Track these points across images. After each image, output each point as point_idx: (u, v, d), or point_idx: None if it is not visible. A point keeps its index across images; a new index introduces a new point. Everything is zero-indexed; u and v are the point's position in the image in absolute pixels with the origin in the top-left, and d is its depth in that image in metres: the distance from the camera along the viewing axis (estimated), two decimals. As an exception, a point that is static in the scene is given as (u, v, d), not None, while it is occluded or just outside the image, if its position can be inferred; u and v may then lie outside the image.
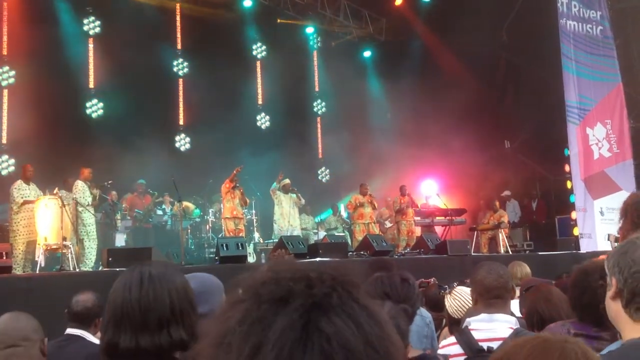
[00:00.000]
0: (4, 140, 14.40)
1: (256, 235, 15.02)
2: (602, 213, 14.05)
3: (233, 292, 1.00)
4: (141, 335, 1.95)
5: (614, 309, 2.02)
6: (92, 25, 15.87)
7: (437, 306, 4.85)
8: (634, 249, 1.98)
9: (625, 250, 2.00)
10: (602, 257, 3.35)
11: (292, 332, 0.88)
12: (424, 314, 4.27)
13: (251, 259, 12.74)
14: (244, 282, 0.99)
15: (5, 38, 14.77)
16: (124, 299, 1.99)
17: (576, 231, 14.15)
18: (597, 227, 13.91)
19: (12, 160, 13.27)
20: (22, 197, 9.83)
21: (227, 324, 0.93)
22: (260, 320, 0.91)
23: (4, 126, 14.45)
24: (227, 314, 0.95)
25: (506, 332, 3.06)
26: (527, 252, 13.62)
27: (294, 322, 0.89)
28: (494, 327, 3.11)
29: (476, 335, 3.08)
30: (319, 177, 19.68)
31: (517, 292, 4.25)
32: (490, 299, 3.22)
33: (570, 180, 14.62)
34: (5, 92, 14.60)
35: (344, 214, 17.21)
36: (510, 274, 3.41)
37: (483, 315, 3.17)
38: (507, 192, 16.87)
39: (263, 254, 13.87)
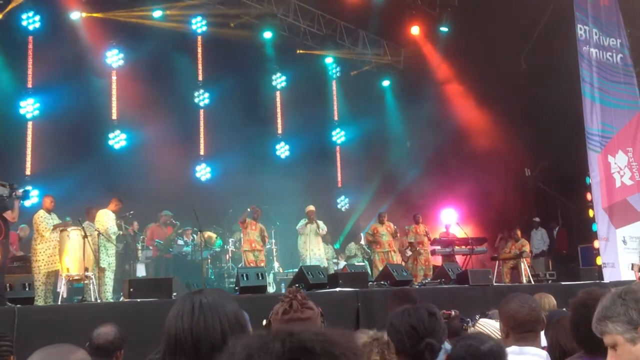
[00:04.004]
0: (28, 172, 14.62)
1: (276, 265, 15.01)
2: (624, 242, 13.86)
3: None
4: None
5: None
6: (115, 58, 16.15)
7: (459, 339, 4.79)
8: None
9: None
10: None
11: None
12: (446, 347, 4.22)
13: (271, 289, 12.72)
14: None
15: (30, 71, 15.09)
16: (177, 328, 2.04)
17: (599, 260, 13.96)
18: (620, 256, 13.72)
19: (36, 191, 13.44)
20: (48, 225, 9.93)
21: None
22: None
23: (28, 157, 14.69)
24: None
25: (536, 366, 3.03)
26: (550, 281, 13.45)
27: None
28: (524, 360, 3.08)
29: (506, 368, 3.05)
30: (338, 206, 19.67)
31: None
32: (522, 332, 3.18)
33: (592, 209, 14.46)
34: (30, 124, 14.87)
35: (363, 241, 17.14)
36: (540, 305, 3.38)
37: (514, 348, 3.14)
38: (537, 219, 16.74)
39: (283, 284, 13.85)
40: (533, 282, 13.22)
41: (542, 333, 4.07)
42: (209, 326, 2.02)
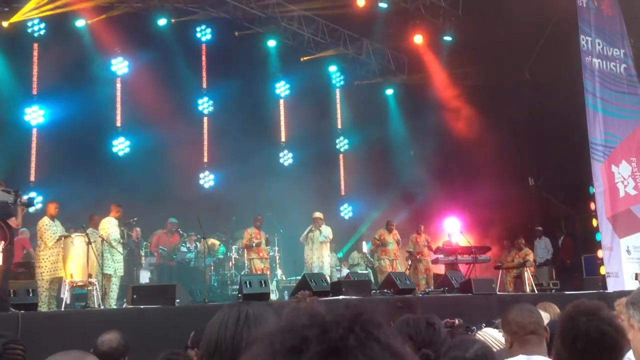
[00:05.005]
0: (32, 178, 14.67)
1: (279, 272, 14.99)
2: (628, 252, 13.84)
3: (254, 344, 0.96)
4: None
5: None
6: (120, 65, 16.24)
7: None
8: None
9: None
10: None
11: None
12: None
13: (274, 296, 12.71)
14: (262, 332, 0.96)
15: (35, 78, 15.16)
16: (219, 334, 2.05)
17: (603, 270, 13.93)
18: (623, 266, 13.69)
19: (41, 198, 13.50)
20: (54, 234, 9.95)
21: None
22: None
23: (33, 164, 14.75)
24: None
25: (544, 376, 3.03)
26: (554, 291, 13.42)
27: None
28: (532, 369, 3.08)
29: (515, 377, 3.06)
30: (342, 214, 19.67)
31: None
32: (525, 335, 3.19)
33: (596, 219, 14.44)
34: (35, 131, 14.94)
35: (365, 250, 17.12)
36: (540, 313, 3.39)
37: (521, 357, 3.13)
38: (539, 228, 16.73)
39: (286, 292, 13.84)
40: (536, 292, 13.20)
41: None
42: (251, 340, 2.02)
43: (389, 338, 0.90)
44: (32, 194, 12.71)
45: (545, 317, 4.99)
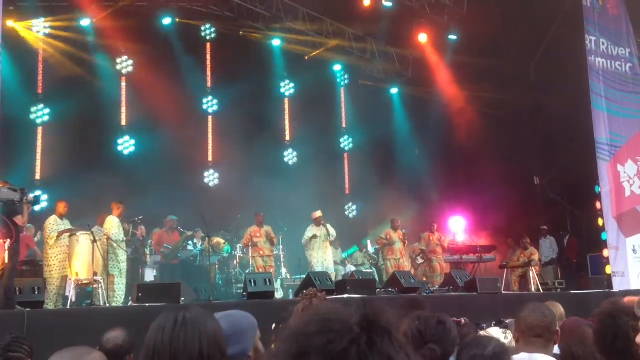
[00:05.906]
0: (38, 176, 14.71)
1: (283, 270, 14.99)
2: (634, 251, 13.78)
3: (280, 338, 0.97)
4: None
5: None
6: (124, 64, 16.26)
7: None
8: None
9: None
10: (631, 298, 3.30)
11: None
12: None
13: (278, 295, 12.70)
14: (287, 329, 0.97)
15: (40, 77, 15.19)
16: (157, 340, 2.08)
17: (609, 269, 13.88)
18: (630, 265, 13.64)
19: (46, 196, 13.53)
20: (57, 231, 9.97)
21: None
22: None
23: (38, 162, 14.78)
24: None
25: (546, 374, 3.01)
26: (559, 290, 13.39)
27: None
28: (533, 367, 3.07)
29: (515, 374, 3.04)
30: (346, 213, 19.65)
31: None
32: (530, 337, 3.19)
33: (602, 218, 14.39)
34: (40, 129, 14.98)
35: (370, 249, 17.10)
36: (555, 317, 3.37)
37: (523, 355, 3.13)
38: (544, 227, 16.69)
39: (290, 290, 13.84)
40: (542, 291, 13.17)
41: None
42: (188, 342, 2.05)
43: (394, 350, 0.90)
44: (38, 193, 12.73)
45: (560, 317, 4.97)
